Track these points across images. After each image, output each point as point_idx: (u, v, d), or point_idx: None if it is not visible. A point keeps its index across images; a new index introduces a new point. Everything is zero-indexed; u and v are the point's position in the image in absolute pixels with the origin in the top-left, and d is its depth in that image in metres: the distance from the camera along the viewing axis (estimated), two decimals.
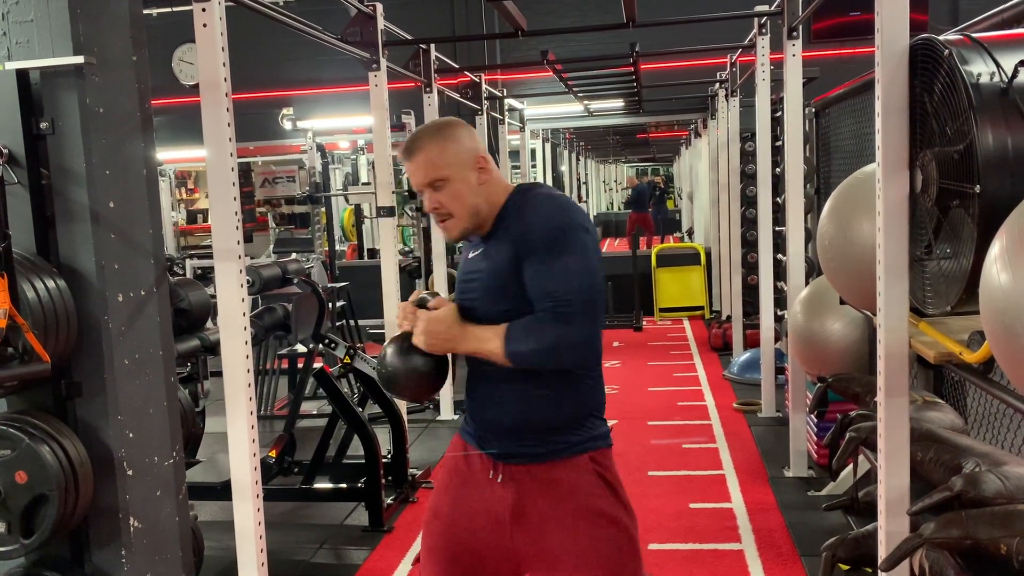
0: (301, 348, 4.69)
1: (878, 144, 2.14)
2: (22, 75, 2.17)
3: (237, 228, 2.52)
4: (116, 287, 2.30)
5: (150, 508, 2.43)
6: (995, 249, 1.47)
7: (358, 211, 11.12)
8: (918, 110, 2.11)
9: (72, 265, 2.23)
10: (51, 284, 2.14)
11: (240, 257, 2.53)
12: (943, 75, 1.96)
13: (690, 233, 13.98)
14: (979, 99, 1.82)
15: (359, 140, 11.32)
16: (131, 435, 2.35)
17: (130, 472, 2.35)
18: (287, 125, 9.64)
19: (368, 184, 12.16)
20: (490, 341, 1.72)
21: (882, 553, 2.21)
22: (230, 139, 2.49)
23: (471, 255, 1.88)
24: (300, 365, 5.33)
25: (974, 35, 2.00)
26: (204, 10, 2.46)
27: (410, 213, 7.56)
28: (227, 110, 2.48)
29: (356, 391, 4.39)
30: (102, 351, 2.25)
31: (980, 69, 1.87)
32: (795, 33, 3.96)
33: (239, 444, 2.58)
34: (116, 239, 2.30)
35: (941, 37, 2.02)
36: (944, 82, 1.95)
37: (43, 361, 1.90)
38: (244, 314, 2.56)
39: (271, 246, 11.95)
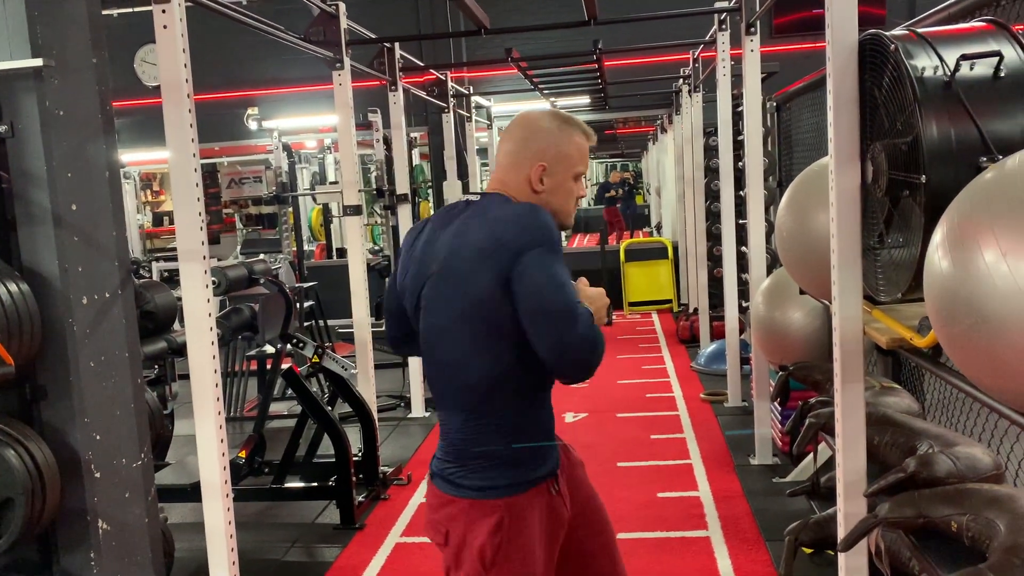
0: (270, 349, 4.69)
1: (830, 136, 2.20)
2: None
3: (201, 229, 2.53)
4: (80, 290, 2.30)
5: (119, 510, 2.42)
6: (936, 237, 1.53)
7: (326, 210, 11.07)
8: (868, 103, 2.17)
9: (35, 268, 2.22)
10: (13, 288, 2.13)
11: (205, 258, 2.53)
12: (890, 69, 2.02)
13: (659, 228, 14.07)
14: (924, 92, 1.88)
15: (325, 139, 11.28)
16: (98, 437, 2.35)
17: (98, 475, 2.35)
18: (252, 125, 9.58)
19: (335, 183, 12.10)
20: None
21: (841, 534, 2.27)
22: (192, 140, 2.49)
23: None
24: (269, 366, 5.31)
25: (919, 30, 2.06)
26: (164, 11, 2.45)
27: (379, 212, 7.55)
28: (189, 111, 2.48)
29: (326, 390, 4.39)
30: (67, 354, 2.24)
31: (925, 63, 1.93)
32: (752, 29, 4.02)
33: (207, 444, 2.59)
34: (79, 242, 2.30)
35: (889, 32, 2.08)
36: (891, 76, 2.01)
37: (7, 364, 1.90)
38: (210, 315, 2.56)
39: (238, 247, 11.86)
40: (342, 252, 11.32)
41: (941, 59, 1.92)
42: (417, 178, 8.77)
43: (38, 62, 2.18)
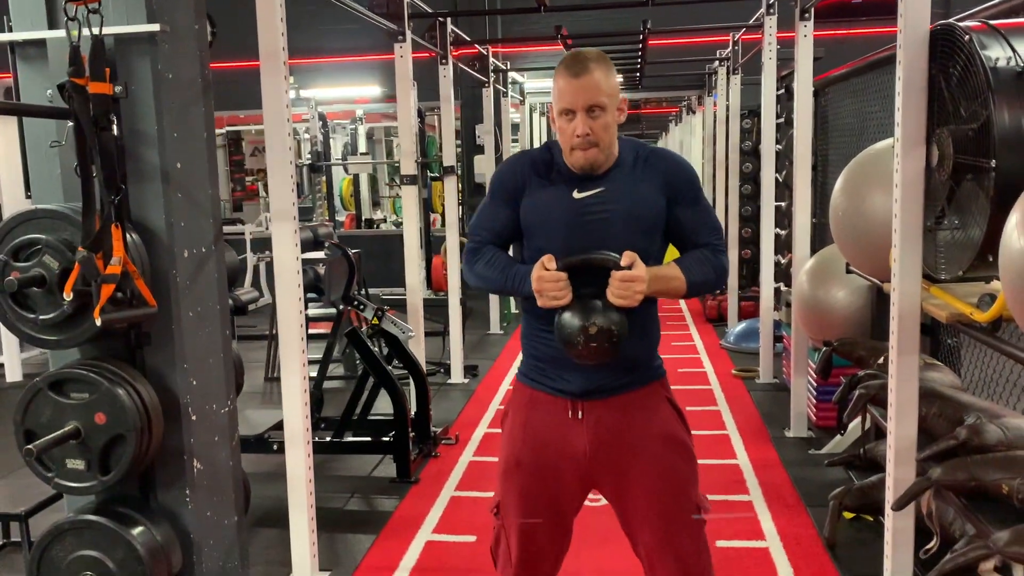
0: (313, 312, 4.85)
1: (897, 121, 2.32)
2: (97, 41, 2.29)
3: (292, 191, 2.67)
4: (182, 243, 2.45)
5: (210, 452, 2.59)
6: (1014, 218, 1.66)
7: (356, 181, 11.22)
8: (934, 91, 2.28)
9: (144, 222, 2.36)
10: (129, 239, 2.28)
11: (295, 218, 2.67)
12: (962, 58, 2.13)
13: None
14: (997, 81, 2.00)
15: (357, 110, 11.40)
16: (195, 383, 2.51)
17: (194, 417, 2.51)
18: (291, 94, 9.66)
19: (367, 154, 12.28)
20: (675, 279, 1.86)
21: (890, 497, 2.41)
22: (287, 106, 2.63)
23: (579, 193, 1.87)
24: (313, 330, 5.48)
25: (992, 22, 2.17)
26: None
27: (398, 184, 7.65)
28: (285, 79, 2.62)
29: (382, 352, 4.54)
30: (170, 303, 2.39)
31: (998, 54, 2.04)
32: (807, 15, 4.12)
33: (293, 395, 2.74)
34: (182, 198, 2.44)
35: (961, 24, 2.19)
36: (963, 65, 2.12)
37: (150, 305, 2.05)
38: (298, 272, 2.71)
39: (262, 214, 12.02)
40: (370, 223, 11.49)
41: (1014, 50, 2.04)
42: (430, 151, 8.76)
43: (155, 27, 2.31)
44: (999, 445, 2.24)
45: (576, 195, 1.88)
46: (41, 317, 2.22)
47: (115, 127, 2.05)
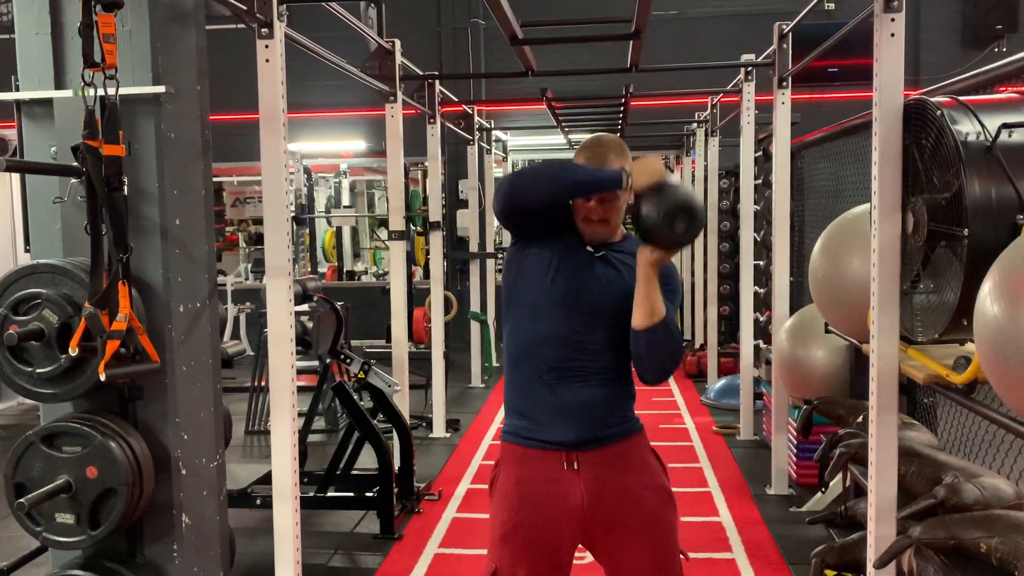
0: (303, 364, 4.85)
1: (874, 189, 2.42)
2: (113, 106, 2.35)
3: (288, 247, 2.72)
4: (179, 299, 2.49)
5: (199, 507, 2.59)
6: (987, 285, 1.74)
7: (339, 233, 11.28)
8: (908, 160, 2.39)
9: (142, 277, 2.40)
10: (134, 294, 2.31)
11: (290, 274, 2.72)
12: (934, 131, 2.24)
13: None
14: (967, 154, 2.10)
15: (342, 164, 11.52)
16: (186, 437, 2.52)
17: (184, 471, 2.52)
18: None
19: (350, 207, 12.37)
20: (660, 299, 1.89)
21: (872, 555, 2.46)
22: (286, 166, 2.70)
23: (581, 258, 1.98)
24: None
25: (961, 99, 2.29)
26: (267, 46, 2.67)
27: (383, 239, 7.73)
28: (283, 139, 2.69)
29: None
30: (164, 357, 2.41)
31: (967, 128, 2.16)
32: (784, 83, 4.28)
33: (282, 450, 2.76)
34: (180, 254, 2.50)
35: (932, 99, 2.31)
36: (935, 137, 2.23)
37: (153, 361, 2.08)
38: (291, 327, 2.75)
39: (241, 265, 12.04)
40: (351, 274, 11.52)
41: (983, 126, 2.15)
42: (414, 205, 8.88)
43: (161, 89, 2.39)
44: (976, 504, 2.30)
45: (580, 259, 1.99)
46: (38, 370, 2.24)
47: (124, 187, 2.10)
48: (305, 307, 4.51)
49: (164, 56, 2.43)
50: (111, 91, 2.11)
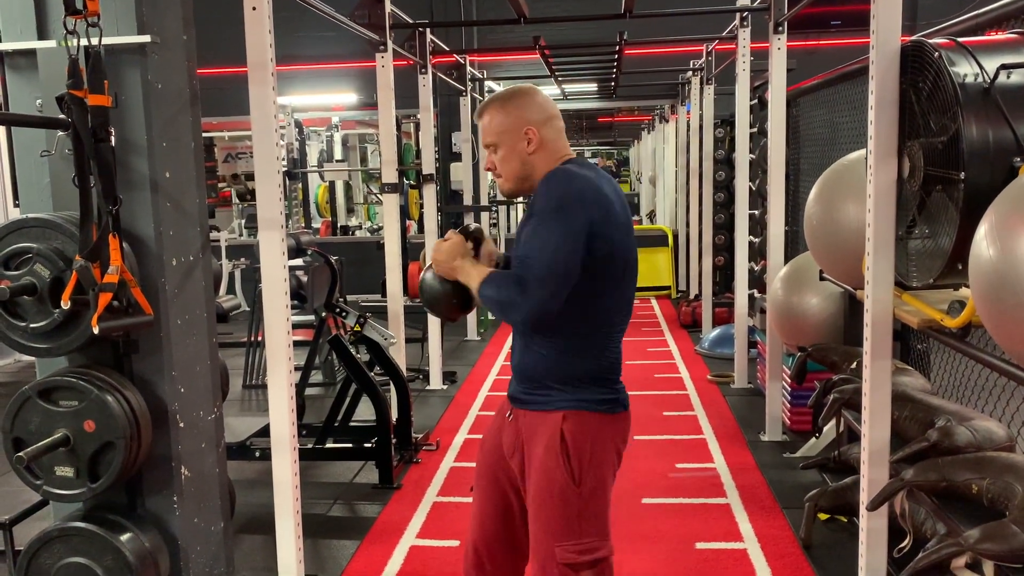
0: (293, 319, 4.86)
1: (870, 134, 2.40)
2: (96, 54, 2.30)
3: (280, 200, 2.70)
4: (171, 252, 2.47)
5: (197, 459, 2.61)
6: (983, 228, 1.73)
7: (332, 188, 11.21)
8: (905, 104, 2.37)
9: (133, 231, 2.38)
10: (126, 247, 2.29)
11: (283, 227, 2.71)
12: (931, 74, 2.21)
13: (650, 216, 14.17)
14: (965, 96, 2.08)
15: (333, 117, 11.39)
16: (182, 390, 2.53)
17: (181, 424, 2.53)
18: None
19: (343, 161, 12.26)
20: (473, 279, 1.98)
21: (865, 498, 2.49)
22: (276, 116, 2.66)
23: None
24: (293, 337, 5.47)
25: (960, 40, 2.26)
26: None
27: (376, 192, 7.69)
28: (272, 88, 2.65)
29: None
30: (158, 311, 2.40)
31: (965, 70, 2.13)
32: (780, 28, 4.22)
33: (279, 402, 2.77)
34: (171, 207, 2.47)
35: (930, 40, 2.28)
36: (932, 80, 2.21)
37: (147, 313, 2.07)
38: (284, 280, 2.74)
39: (235, 221, 11.97)
40: (345, 229, 11.47)
41: (981, 67, 2.12)
42: (407, 159, 8.80)
43: (146, 38, 2.34)
44: (968, 447, 2.32)
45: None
46: (32, 325, 2.23)
47: (112, 138, 2.07)
48: (299, 261, 4.50)
49: (148, 5, 2.37)
50: (94, 40, 2.06)
